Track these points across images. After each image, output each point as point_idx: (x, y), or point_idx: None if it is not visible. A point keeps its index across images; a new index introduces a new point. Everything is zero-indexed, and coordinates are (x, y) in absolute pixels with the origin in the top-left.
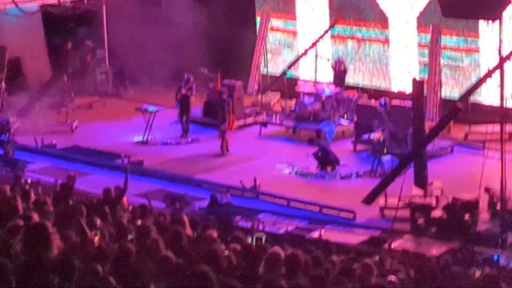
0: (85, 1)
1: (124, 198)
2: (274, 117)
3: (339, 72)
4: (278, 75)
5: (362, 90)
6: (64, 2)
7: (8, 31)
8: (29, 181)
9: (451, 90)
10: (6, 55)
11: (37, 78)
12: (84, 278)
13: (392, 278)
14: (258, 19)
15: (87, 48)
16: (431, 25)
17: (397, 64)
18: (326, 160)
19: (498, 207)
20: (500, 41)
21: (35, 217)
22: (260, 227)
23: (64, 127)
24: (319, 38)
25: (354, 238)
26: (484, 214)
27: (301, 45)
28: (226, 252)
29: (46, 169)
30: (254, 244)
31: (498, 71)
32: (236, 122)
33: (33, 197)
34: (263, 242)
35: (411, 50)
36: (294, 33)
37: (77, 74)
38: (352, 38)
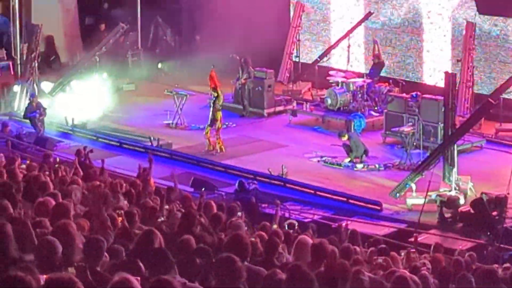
0: None
1: (152, 180)
2: (304, 106)
3: (376, 63)
4: (310, 63)
5: (394, 82)
6: None
7: (43, 10)
8: (58, 160)
9: (483, 86)
10: (40, 33)
11: (70, 57)
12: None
13: (419, 272)
14: (292, 6)
15: (121, 30)
16: (465, 21)
17: (430, 57)
18: (355, 151)
19: None
20: None
21: (61, 196)
22: (287, 215)
23: (96, 107)
24: (353, 28)
25: (380, 230)
26: None
27: (334, 34)
28: (252, 239)
29: (75, 148)
30: (286, 229)
31: None
32: (266, 110)
33: (61, 175)
34: (295, 228)
35: (444, 44)
36: (328, 22)
37: (109, 56)
38: (386, 29)
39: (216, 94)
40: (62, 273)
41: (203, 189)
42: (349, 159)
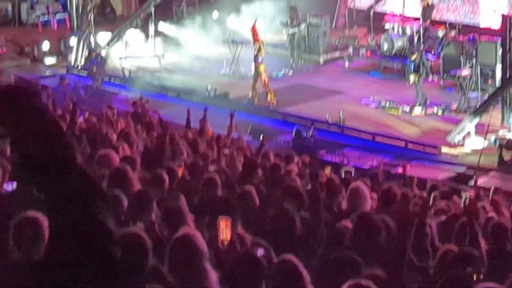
0: None
1: (209, 130)
2: (360, 51)
3: (425, 7)
4: (365, 9)
5: (450, 25)
6: None
7: None
8: (115, 112)
9: None
10: None
11: (125, 9)
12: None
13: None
14: None
15: None
16: None
17: None
18: (422, 72)
19: None
20: None
21: (125, 148)
22: (345, 161)
23: (151, 58)
24: None
25: (439, 174)
26: None
27: None
28: (308, 187)
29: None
30: (343, 177)
31: None
32: (323, 55)
33: (120, 127)
34: (352, 176)
35: None
36: None
37: (164, 6)
38: None
39: (257, 47)
40: (131, 228)
41: (261, 136)
42: (412, 78)
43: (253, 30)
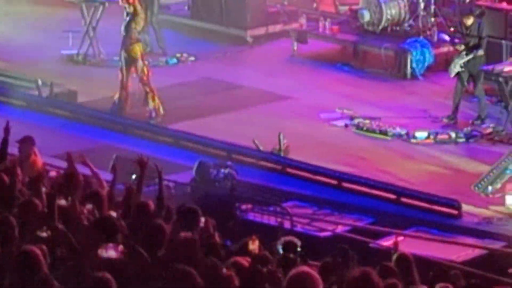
0: None
1: (38, 159)
2: (321, 24)
3: None
4: None
5: None
6: None
7: None
8: None
9: None
10: None
11: None
12: None
13: None
14: None
15: None
16: None
17: None
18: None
19: None
20: None
21: None
22: (287, 225)
23: None
24: None
25: (457, 252)
26: None
27: None
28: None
29: None
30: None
31: None
32: (251, 31)
33: None
34: (296, 254)
35: None
36: None
37: None
38: None
39: (131, 10)
40: None
41: (132, 176)
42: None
43: None
